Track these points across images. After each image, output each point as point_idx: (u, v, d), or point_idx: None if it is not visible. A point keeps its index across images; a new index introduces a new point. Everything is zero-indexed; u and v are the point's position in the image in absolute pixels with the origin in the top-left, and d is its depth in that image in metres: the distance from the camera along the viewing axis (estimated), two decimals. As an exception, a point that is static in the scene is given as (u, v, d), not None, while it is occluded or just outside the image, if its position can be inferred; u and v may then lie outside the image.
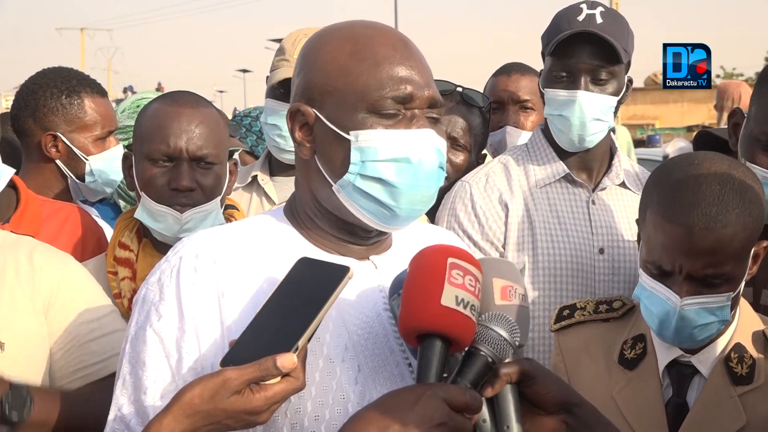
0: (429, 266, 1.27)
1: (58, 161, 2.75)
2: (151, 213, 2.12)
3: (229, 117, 3.75)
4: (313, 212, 1.45)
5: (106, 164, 2.80)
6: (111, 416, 1.37)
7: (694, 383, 1.84)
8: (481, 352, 1.27)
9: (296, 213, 1.47)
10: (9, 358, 1.70)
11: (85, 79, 2.89)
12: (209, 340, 1.34)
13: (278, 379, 1.20)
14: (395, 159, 1.35)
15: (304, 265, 1.31)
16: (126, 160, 2.23)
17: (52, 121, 2.77)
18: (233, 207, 2.42)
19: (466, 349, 1.28)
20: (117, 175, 2.81)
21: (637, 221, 1.90)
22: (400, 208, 1.38)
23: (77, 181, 2.78)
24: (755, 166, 2.03)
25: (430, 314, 1.23)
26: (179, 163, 2.10)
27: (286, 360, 1.19)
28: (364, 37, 1.40)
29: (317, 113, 1.39)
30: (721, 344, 1.83)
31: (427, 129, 1.38)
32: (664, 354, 1.85)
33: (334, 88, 1.37)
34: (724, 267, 1.70)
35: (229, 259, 1.38)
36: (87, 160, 2.76)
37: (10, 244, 1.80)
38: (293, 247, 1.43)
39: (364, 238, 1.45)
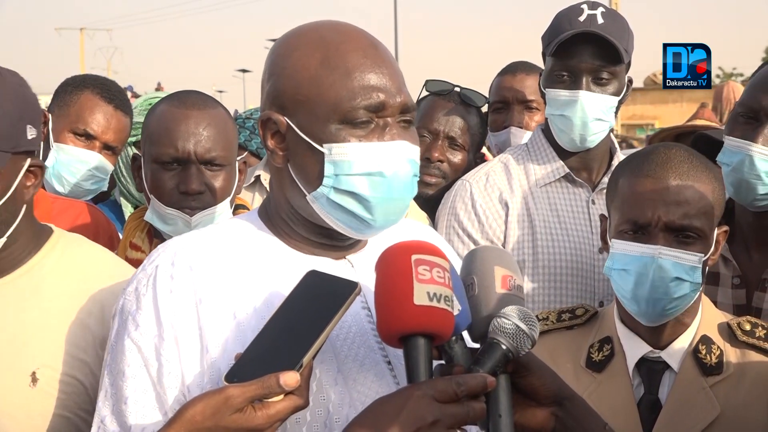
0: (394, 268, 1.25)
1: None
2: (161, 216, 2.11)
3: None
4: (288, 216, 1.45)
5: (65, 158, 2.78)
6: (94, 428, 1.36)
7: (665, 379, 1.86)
8: (498, 342, 1.27)
9: (272, 216, 1.47)
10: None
11: (105, 83, 2.90)
12: (188, 347, 1.33)
13: (281, 396, 1.20)
14: (369, 173, 1.35)
15: (312, 278, 1.30)
16: (134, 161, 2.22)
17: (54, 102, 2.86)
18: (243, 207, 2.42)
19: (487, 339, 1.29)
20: (71, 175, 2.80)
21: (602, 217, 1.95)
22: (374, 220, 1.38)
23: None
24: (730, 138, 2.16)
25: (407, 316, 1.22)
26: (188, 166, 2.08)
27: (290, 378, 1.18)
28: (334, 44, 1.37)
29: (289, 122, 1.38)
30: (689, 337, 1.86)
31: (400, 141, 1.36)
32: (632, 352, 1.87)
33: (306, 98, 1.36)
34: (696, 221, 1.77)
35: (206, 265, 1.38)
36: (52, 146, 2.77)
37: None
38: (269, 250, 1.43)
39: (341, 240, 1.45)
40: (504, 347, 1.27)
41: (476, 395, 1.22)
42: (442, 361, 1.29)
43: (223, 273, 1.38)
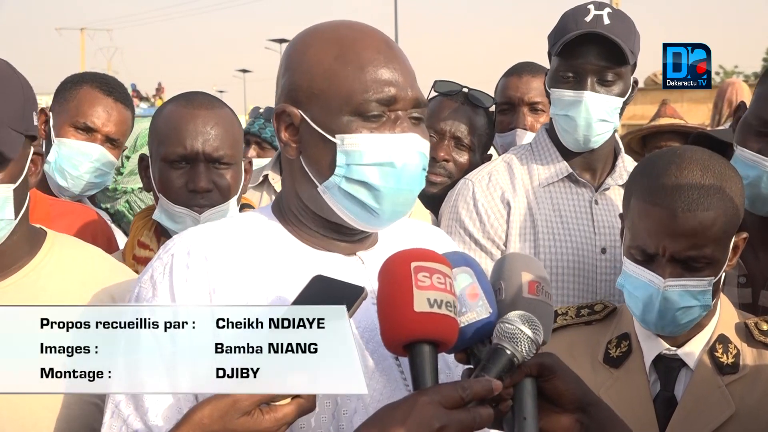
0: (394, 276, 1.27)
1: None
2: (169, 214, 2.14)
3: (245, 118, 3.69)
4: (299, 211, 1.47)
5: (67, 152, 2.76)
6: (108, 413, 1.37)
7: (681, 376, 1.87)
8: (503, 349, 1.28)
9: (284, 211, 1.49)
10: None
11: (103, 78, 2.90)
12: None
13: (288, 399, 1.21)
14: (380, 163, 1.38)
15: (319, 283, 1.30)
16: (141, 161, 2.25)
17: (54, 100, 2.85)
18: (249, 206, 2.44)
19: (491, 345, 1.29)
20: (73, 168, 2.78)
21: (621, 216, 1.95)
22: (383, 210, 1.41)
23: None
24: (744, 150, 2.14)
25: (408, 323, 1.23)
26: (196, 164, 2.11)
27: None
28: (349, 40, 1.41)
29: (303, 115, 1.41)
30: (706, 336, 1.87)
31: (411, 134, 1.40)
32: (649, 349, 1.88)
33: (320, 91, 1.39)
34: (705, 249, 1.76)
35: (220, 256, 1.40)
36: (54, 141, 2.75)
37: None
38: (281, 244, 1.45)
39: (350, 235, 1.47)
40: (509, 352, 1.28)
41: (483, 400, 1.22)
42: (470, 366, 1.31)
43: (237, 265, 1.40)
